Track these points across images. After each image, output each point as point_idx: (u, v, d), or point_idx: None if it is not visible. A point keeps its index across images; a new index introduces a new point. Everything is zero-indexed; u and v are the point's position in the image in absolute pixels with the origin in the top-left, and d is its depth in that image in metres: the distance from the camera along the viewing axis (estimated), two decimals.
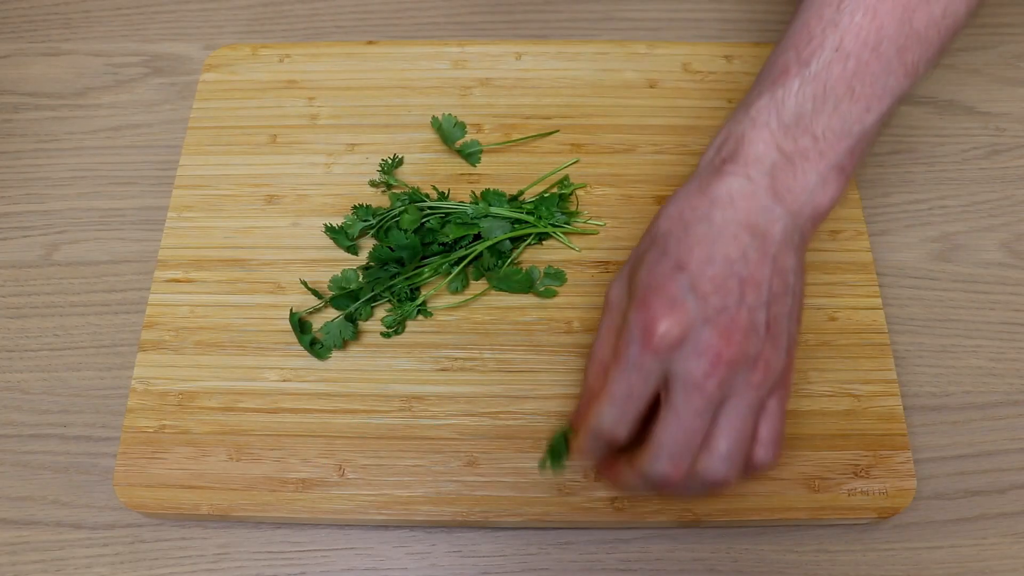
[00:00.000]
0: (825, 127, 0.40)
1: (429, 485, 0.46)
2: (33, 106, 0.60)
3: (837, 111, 0.40)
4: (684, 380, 0.37)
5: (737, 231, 0.39)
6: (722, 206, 0.39)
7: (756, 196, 0.39)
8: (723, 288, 0.38)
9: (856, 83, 0.40)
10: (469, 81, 0.58)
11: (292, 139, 0.56)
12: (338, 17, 0.64)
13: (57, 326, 0.52)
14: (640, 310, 0.38)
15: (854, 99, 0.40)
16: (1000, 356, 0.51)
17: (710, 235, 0.39)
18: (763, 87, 0.41)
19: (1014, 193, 0.56)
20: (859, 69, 0.40)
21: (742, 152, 0.40)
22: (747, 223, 0.39)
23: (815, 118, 0.40)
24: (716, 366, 0.37)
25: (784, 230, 0.40)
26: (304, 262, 0.52)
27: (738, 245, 0.39)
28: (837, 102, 0.40)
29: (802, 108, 0.40)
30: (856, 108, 0.40)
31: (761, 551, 0.46)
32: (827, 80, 0.40)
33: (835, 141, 0.40)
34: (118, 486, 0.46)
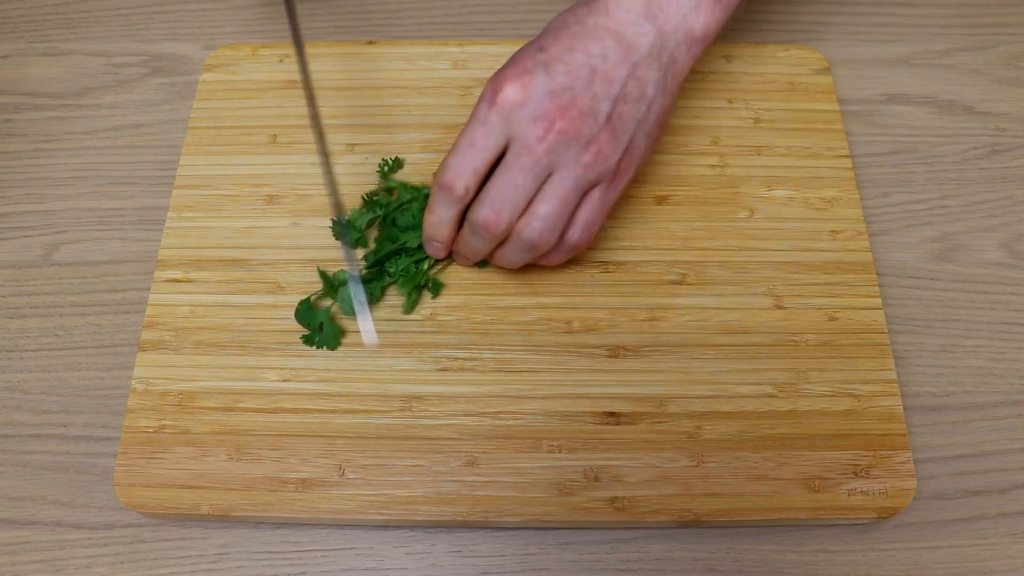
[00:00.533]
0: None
1: (429, 485, 0.46)
2: (33, 106, 0.60)
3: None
4: (519, 140, 0.43)
5: (604, 35, 0.43)
6: (596, 14, 0.44)
7: (629, 10, 0.43)
8: (574, 73, 0.43)
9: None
10: (469, 81, 0.58)
11: (292, 139, 0.56)
12: (338, 17, 0.64)
13: (57, 326, 0.52)
14: (495, 77, 0.43)
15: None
16: (1000, 356, 0.51)
17: (578, 33, 0.44)
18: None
19: (1014, 193, 0.56)
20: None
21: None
22: (615, 31, 0.43)
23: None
24: (548, 132, 0.42)
25: (650, 45, 0.44)
26: (304, 262, 0.52)
27: (601, 44, 0.43)
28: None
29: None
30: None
31: (761, 551, 0.46)
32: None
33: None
34: (118, 486, 0.46)
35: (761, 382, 0.48)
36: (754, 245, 0.52)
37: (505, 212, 0.44)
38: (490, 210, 0.44)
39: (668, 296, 0.51)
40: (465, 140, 0.44)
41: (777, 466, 0.46)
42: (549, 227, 0.44)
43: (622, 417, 0.47)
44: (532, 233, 0.44)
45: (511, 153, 0.43)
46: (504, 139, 0.43)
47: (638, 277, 0.51)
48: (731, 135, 0.56)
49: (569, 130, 0.42)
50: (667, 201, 0.54)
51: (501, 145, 0.43)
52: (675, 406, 0.47)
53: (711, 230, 0.53)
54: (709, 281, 0.51)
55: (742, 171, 0.55)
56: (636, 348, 0.49)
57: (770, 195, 0.54)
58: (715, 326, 0.50)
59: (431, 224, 0.47)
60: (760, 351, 0.49)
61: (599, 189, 0.45)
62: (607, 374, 0.48)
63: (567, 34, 0.44)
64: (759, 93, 0.58)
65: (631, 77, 0.43)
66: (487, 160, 0.44)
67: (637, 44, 0.43)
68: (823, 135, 0.56)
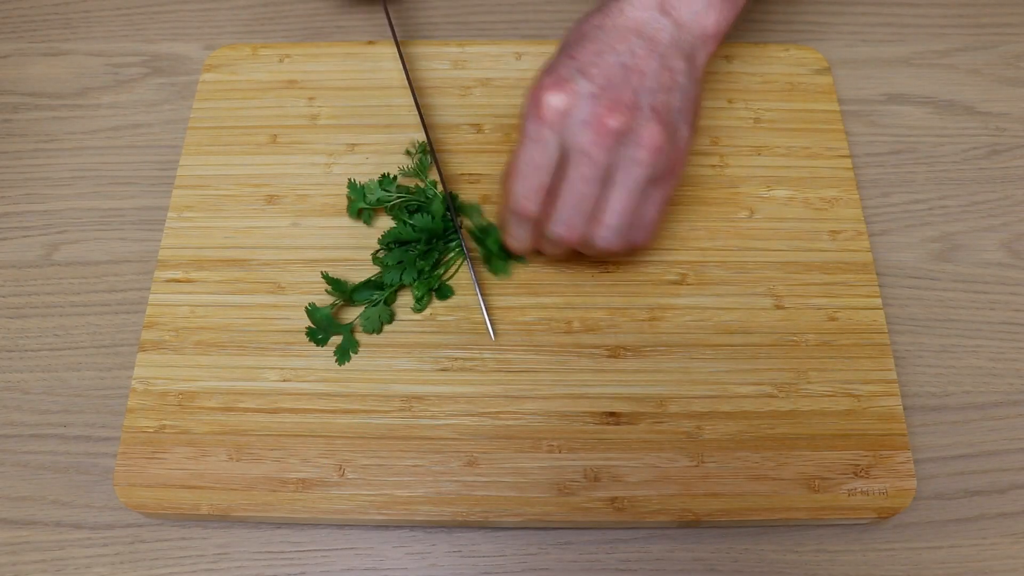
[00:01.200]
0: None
1: (429, 485, 0.46)
2: (33, 106, 0.60)
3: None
4: (575, 149, 0.43)
5: (625, 33, 0.44)
6: (613, 15, 0.44)
7: (645, 8, 0.44)
8: (609, 73, 0.43)
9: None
10: (469, 81, 0.58)
11: (292, 139, 0.56)
12: (338, 17, 0.64)
13: (57, 326, 0.52)
14: (533, 91, 0.44)
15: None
16: (1000, 356, 0.51)
17: (601, 37, 0.44)
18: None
19: (1014, 193, 0.56)
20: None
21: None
22: (635, 28, 0.44)
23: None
24: (601, 134, 0.42)
25: (671, 37, 0.44)
26: (304, 262, 0.52)
27: (626, 43, 0.44)
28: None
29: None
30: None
31: (761, 551, 0.46)
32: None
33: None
34: (118, 486, 0.46)
35: (761, 382, 0.48)
36: (754, 245, 0.52)
37: (578, 224, 0.44)
38: (564, 226, 0.44)
39: (668, 296, 0.51)
40: (523, 160, 0.44)
41: (777, 466, 0.46)
42: (619, 235, 0.44)
43: (622, 417, 0.47)
44: (604, 242, 0.45)
45: (571, 164, 0.43)
46: (560, 148, 0.43)
47: (638, 277, 0.51)
48: (731, 135, 0.56)
49: (620, 128, 0.42)
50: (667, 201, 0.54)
51: (558, 155, 0.43)
52: (675, 406, 0.47)
53: (711, 230, 0.53)
54: (709, 281, 0.51)
55: (742, 171, 0.55)
56: (636, 348, 0.49)
57: (770, 195, 0.54)
58: (715, 326, 0.50)
59: (513, 243, 0.48)
60: (760, 351, 0.49)
61: (658, 188, 0.45)
62: (607, 374, 0.48)
63: (591, 40, 0.44)
64: (759, 93, 0.58)
65: (663, 68, 0.44)
66: (549, 174, 0.44)
67: (658, 37, 0.44)
68: (823, 135, 0.56)
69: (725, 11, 0.45)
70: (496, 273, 0.51)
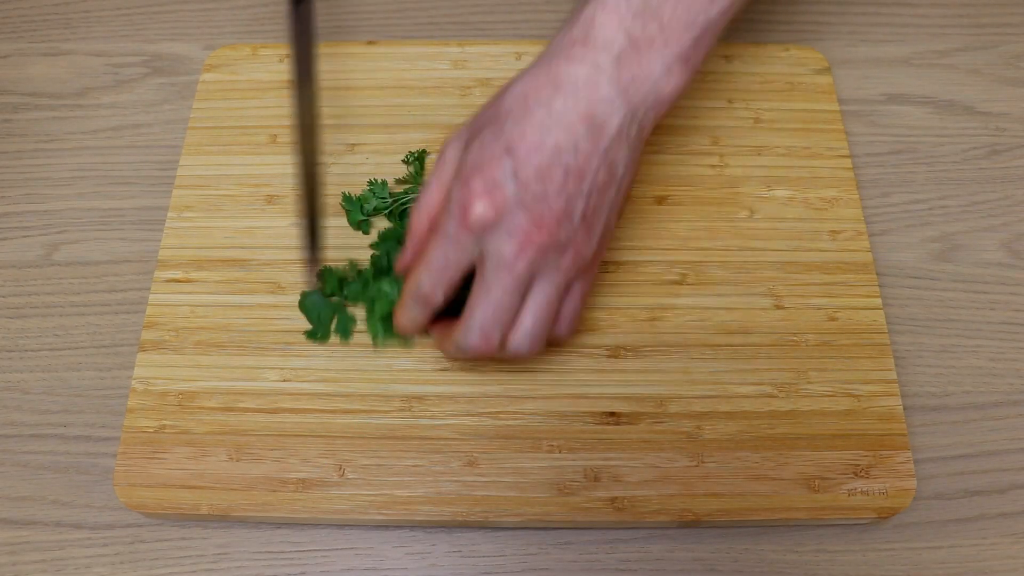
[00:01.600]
0: (671, 15, 0.41)
1: (429, 485, 0.46)
2: (33, 106, 0.60)
3: (682, 1, 0.41)
4: (496, 259, 0.40)
5: (574, 121, 0.40)
6: (564, 94, 0.40)
7: (599, 86, 0.40)
8: (546, 176, 0.40)
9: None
10: (469, 81, 0.58)
11: (292, 139, 0.56)
12: (338, 17, 0.64)
13: (57, 326, 0.52)
14: (462, 188, 0.40)
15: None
16: (1000, 356, 0.51)
17: (546, 123, 0.40)
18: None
19: (1014, 193, 0.56)
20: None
21: (592, 35, 0.41)
22: (586, 114, 0.40)
23: (662, 5, 0.40)
24: (525, 249, 0.40)
25: (621, 123, 0.41)
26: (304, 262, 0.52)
27: (571, 136, 0.40)
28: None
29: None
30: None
31: (761, 551, 0.46)
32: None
33: (681, 31, 0.41)
34: (118, 486, 0.46)
35: (761, 382, 0.48)
36: (754, 245, 0.52)
37: (495, 334, 0.42)
38: (479, 336, 0.42)
39: (668, 296, 0.51)
40: (437, 258, 0.42)
41: (777, 466, 0.46)
42: (536, 338, 0.43)
43: (622, 417, 0.47)
44: (521, 348, 0.43)
45: (489, 271, 0.41)
46: (476, 253, 0.41)
47: (638, 277, 0.51)
48: (731, 135, 0.56)
49: (546, 242, 0.40)
50: (667, 201, 0.54)
51: (474, 257, 0.42)
52: (675, 406, 0.47)
53: (711, 230, 0.53)
54: (709, 281, 0.51)
55: (742, 171, 0.55)
56: (636, 348, 0.49)
57: (770, 195, 0.54)
58: (715, 326, 0.50)
59: (403, 325, 0.46)
60: (760, 351, 0.49)
61: (579, 283, 0.43)
62: (607, 374, 0.48)
63: (532, 124, 0.40)
64: (759, 93, 0.58)
65: (603, 165, 0.41)
66: (462, 273, 0.42)
67: (608, 125, 0.40)
68: (823, 135, 0.56)
69: (682, 75, 0.42)
70: (374, 338, 0.48)
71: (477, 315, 0.42)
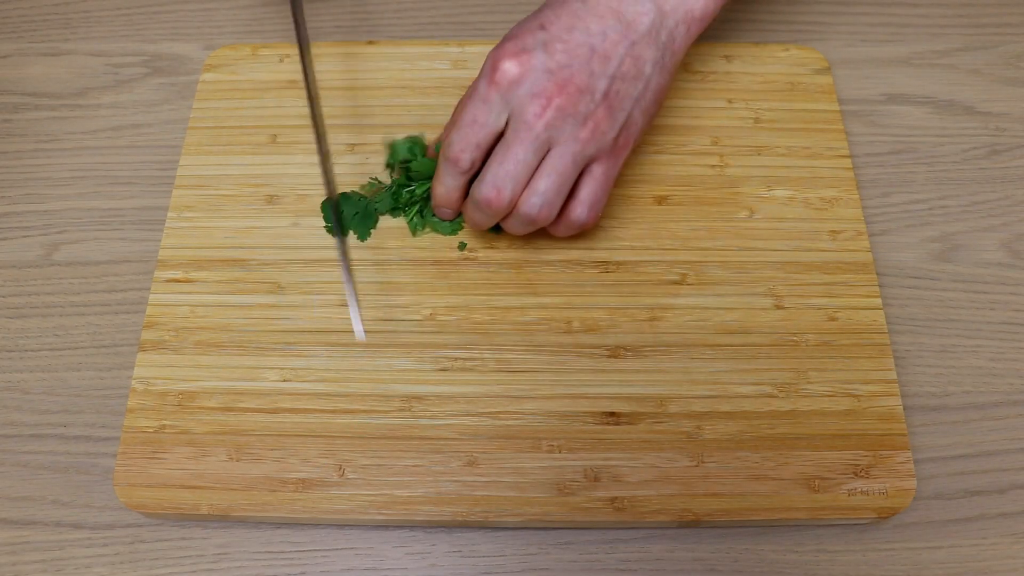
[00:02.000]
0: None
1: (429, 485, 0.46)
2: (33, 106, 0.60)
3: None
4: (518, 116, 0.43)
5: (605, 13, 0.44)
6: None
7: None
8: (572, 51, 0.43)
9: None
10: (469, 81, 0.58)
11: (292, 139, 0.56)
12: (338, 17, 0.64)
13: (57, 326, 0.52)
14: (495, 50, 0.44)
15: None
16: (1000, 356, 0.51)
17: (580, 11, 0.44)
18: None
19: (1014, 193, 0.56)
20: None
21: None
22: (616, 9, 0.44)
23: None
24: (546, 108, 0.43)
25: (651, 24, 0.45)
26: (304, 262, 0.52)
27: (601, 23, 0.44)
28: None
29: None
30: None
31: (761, 551, 0.46)
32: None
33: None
34: (118, 486, 0.46)
35: (761, 382, 0.48)
36: (754, 245, 0.52)
37: (507, 188, 0.44)
38: (492, 187, 0.45)
39: (668, 296, 0.51)
40: (467, 116, 0.45)
41: (777, 466, 0.46)
42: (548, 202, 0.45)
43: (622, 417, 0.47)
44: (532, 208, 0.45)
45: (511, 129, 0.44)
46: (504, 114, 0.44)
47: (638, 277, 0.51)
48: (731, 135, 0.56)
49: (566, 106, 0.43)
50: (667, 201, 0.54)
51: (502, 120, 0.44)
52: (675, 406, 0.47)
53: (711, 230, 0.53)
54: (709, 281, 0.51)
55: (742, 171, 0.55)
56: (636, 348, 0.49)
57: (770, 195, 0.54)
58: (715, 326, 0.50)
59: (439, 193, 0.49)
60: (760, 351, 0.49)
61: (598, 164, 0.46)
62: (607, 374, 0.48)
63: (568, 11, 0.44)
64: (759, 93, 0.58)
65: (629, 55, 0.44)
66: (489, 135, 0.45)
67: (637, 23, 0.44)
68: (823, 135, 0.56)
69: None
70: (412, 226, 0.52)
71: (493, 167, 0.44)
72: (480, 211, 0.46)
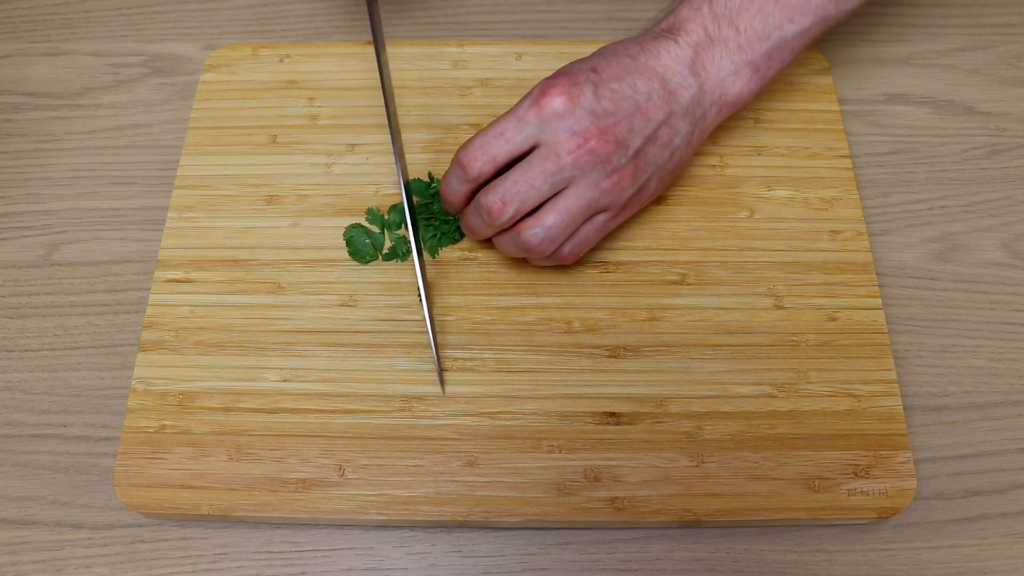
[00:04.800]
0: (748, 24, 0.46)
1: (429, 485, 0.46)
2: (33, 106, 0.60)
3: (761, 13, 0.46)
4: (550, 146, 0.44)
5: (651, 75, 0.45)
6: (647, 54, 0.46)
7: (678, 60, 0.46)
8: (618, 102, 0.44)
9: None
10: (469, 81, 0.58)
11: (292, 139, 0.56)
12: (338, 17, 0.64)
13: (57, 326, 0.52)
14: (545, 81, 0.45)
15: (779, 6, 0.46)
16: (1000, 356, 0.51)
17: (629, 66, 0.45)
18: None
19: (1014, 193, 0.56)
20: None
21: (676, 25, 0.47)
22: (662, 76, 0.46)
23: (740, 14, 0.46)
24: (580, 147, 0.43)
25: (691, 99, 0.46)
26: (304, 262, 0.52)
27: (647, 84, 0.45)
28: (762, 5, 0.46)
29: (730, 2, 0.46)
30: (779, 15, 0.46)
31: (761, 551, 0.46)
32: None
33: (755, 40, 0.46)
34: (118, 486, 0.46)
35: (761, 382, 0.48)
36: (754, 245, 0.52)
37: (512, 205, 0.44)
38: (499, 199, 0.44)
39: (668, 296, 0.51)
40: (496, 128, 0.45)
41: (777, 466, 0.46)
42: (550, 238, 0.45)
43: (622, 417, 0.47)
44: (532, 238, 0.45)
45: (537, 154, 0.44)
46: (534, 140, 0.44)
47: (638, 277, 0.51)
48: (731, 135, 0.56)
49: (600, 153, 0.43)
50: (667, 201, 0.54)
51: (529, 145, 0.44)
52: (675, 406, 0.47)
53: (711, 230, 0.53)
54: (709, 281, 0.51)
55: (742, 171, 0.55)
56: (636, 348, 0.49)
57: (770, 195, 0.54)
58: (715, 326, 0.50)
59: (444, 190, 0.49)
60: (760, 351, 0.49)
61: (604, 215, 0.46)
62: (607, 374, 0.48)
63: (618, 63, 0.45)
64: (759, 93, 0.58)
65: (666, 124, 0.45)
66: (510, 153, 0.45)
67: (679, 94, 0.46)
68: (823, 135, 0.56)
69: (752, 83, 0.47)
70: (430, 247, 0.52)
71: (507, 181, 0.44)
72: (480, 217, 0.46)
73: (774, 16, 0.46)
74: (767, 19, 0.46)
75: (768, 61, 0.47)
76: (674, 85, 0.45)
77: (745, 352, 0.49)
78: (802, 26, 0.47)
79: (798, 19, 0.46)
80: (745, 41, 0.46)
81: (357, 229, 0.52)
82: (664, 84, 0.45)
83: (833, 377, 0.48)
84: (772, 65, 0.47)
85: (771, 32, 0.46)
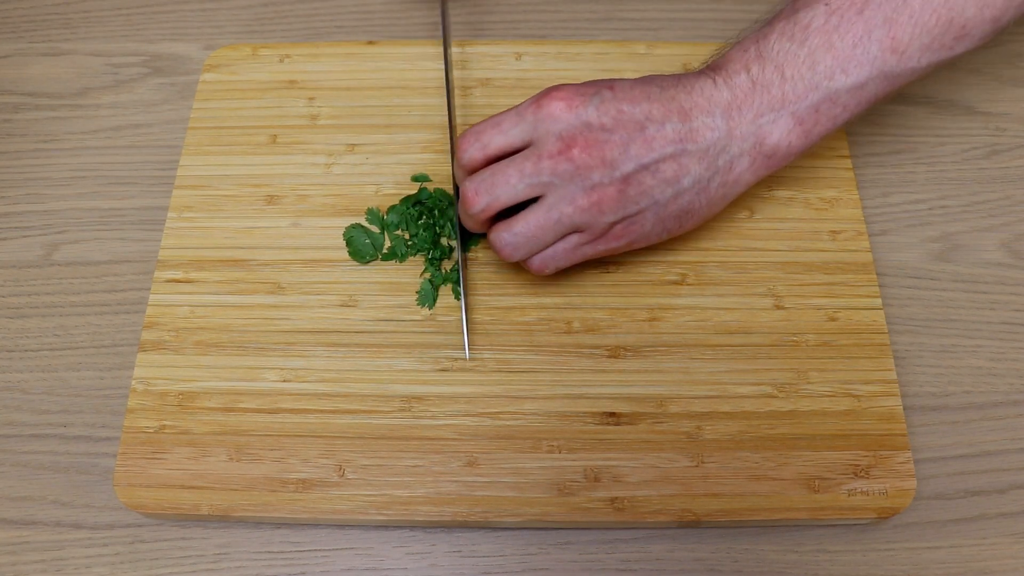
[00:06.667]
0: (795, 72, 0.42)
1: (429, 485, 0.46)
2: (33, 106, 0.60)
3: (810, 60, 0.42)
4: (535, 146, 0.43)
5: (674, 108, 0.42)
6: (681, 88, 0.43)
7: (711, 101, 0.43)
8: (622, 123, 0.42)
9: (836, 39, 0.41)
10: (469, 81, 0.58)
11: (292, 139, 0.56)
12: (338, 17, 0.64)
13: (57, 326, 0.52)
14: (559, 85, 0.43)
15: (832, 54, 0.41)
16: (1000, 356, 0.51)
17: (652, 94, 0.43)
18: (764, 22, 0.45)
19: (1014, 193, 0.56)
20: (841, 25, 0.41)
21: (720, 65, 0.44)
22: (687, 112, 0.42)
23: (788, 59, 0.42)
24: (562, 153, 0.42)
25: (714, 142, 0.43)
26: (304, 262, 0.52)
27: (665, 115, 0.42)
28: (812, 51, 0.42)
29: (780, 46, 0.42)
30: (830, 64, 0.42)
31: (761, 551, 0.46)
32: (809, 27, 0.42)
33: (802, 89, 0.42)
34: (118, 486, 0.46)
35: (761, 382, 0.48)
36: (754, 245, 0.52)
37: (483, 197, 0.44)
38: (473, 188, 0.44)
39: (668, 296, 0.51)
40: (495, 118, 0.45)
41: (777, 466, 0.46)
42: (515, 244, 0.44)
43: (622, 417, 0.47)
44: (498, 241, 0.45)
45: (522, 153, 0.43)
46: (527, 138, 0.44)
47: (638, 277, 0.51)
48: None
49: (580, 164, 0.42)
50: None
51: (521, 141, 0.44)
52: (675, 406, 0.47)
53: (711, 230, 0.53)
54: (709, 281, 0.51)
55: None
56: (636, 348, 0.49)
57: (770, 195, 0.54)
58: (715, 326, 0.50)
59: (455, 168, 0.48)
60: (760, 351, 0.49)
61: (578, 236, 0.45)
62: (607, 374, 0.48)
63: (642, 90, 0.43)
64: None
65: (673, 159, 0.42)
66: (501, 144, 0.44)
67: (699, 134, 0.42)
68: None
69: (792, 135, 0.43)
70: None
71: (487, 173, 0.44)
72: (463, 207, 0.46)
73: (825, 65, 0.41)
74: (816, 67, 0.41)
75: (815, 115, 0.42)
76: (698, 124, 0.42)
77: (745, 352, 0.49)
78: (856, 80, 0.42)
79: (853, 71, 0.41)
80: (791, 89, 0.42)
81: (357, 229, 0.52)
82: (686, 120, 0.42)
83: (833, 377, 0.48)
84: (820, 120, 0.43)
85: (820, 82, 0.42)
